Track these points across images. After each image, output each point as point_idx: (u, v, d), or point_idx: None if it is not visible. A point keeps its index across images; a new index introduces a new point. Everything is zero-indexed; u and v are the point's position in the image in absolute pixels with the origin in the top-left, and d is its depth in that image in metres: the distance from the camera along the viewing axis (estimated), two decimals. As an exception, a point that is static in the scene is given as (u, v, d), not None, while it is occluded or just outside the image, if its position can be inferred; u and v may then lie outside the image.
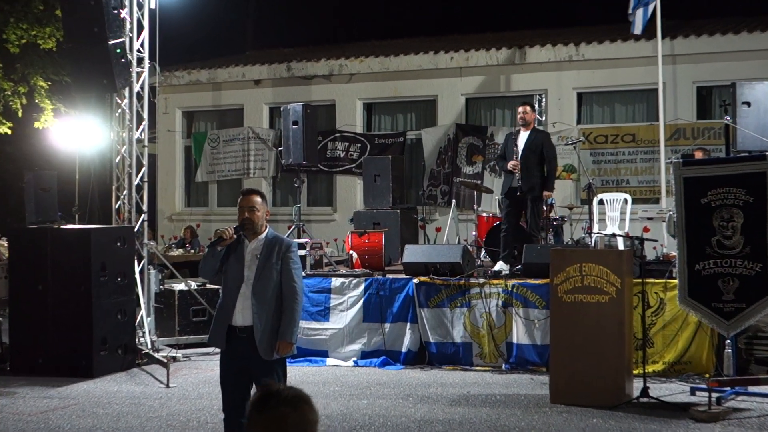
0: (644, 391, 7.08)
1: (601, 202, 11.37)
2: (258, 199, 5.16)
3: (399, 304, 9.07)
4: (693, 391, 7.49)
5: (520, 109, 9.62)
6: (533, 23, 17.79)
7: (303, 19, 24.16)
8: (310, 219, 15.13)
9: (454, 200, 12.81)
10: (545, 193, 9.49)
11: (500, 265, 9.46)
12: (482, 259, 10.73)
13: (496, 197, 10.07)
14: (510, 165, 9.35)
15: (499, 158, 9.94)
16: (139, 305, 9.58)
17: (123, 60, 9.70)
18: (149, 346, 9.52)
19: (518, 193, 9.31)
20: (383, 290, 9.16)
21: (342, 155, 15.53)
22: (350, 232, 10.42)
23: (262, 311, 5.02)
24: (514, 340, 8.72)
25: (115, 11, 9.59)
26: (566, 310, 7.32)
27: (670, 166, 9.42)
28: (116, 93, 10.12)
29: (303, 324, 9.02)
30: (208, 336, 5.29)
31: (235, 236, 5.08)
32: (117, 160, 10.31)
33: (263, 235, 5.17)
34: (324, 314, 9.32)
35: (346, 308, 9.27)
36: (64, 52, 11.27)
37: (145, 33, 10.26)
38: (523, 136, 9.50)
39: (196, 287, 10.46)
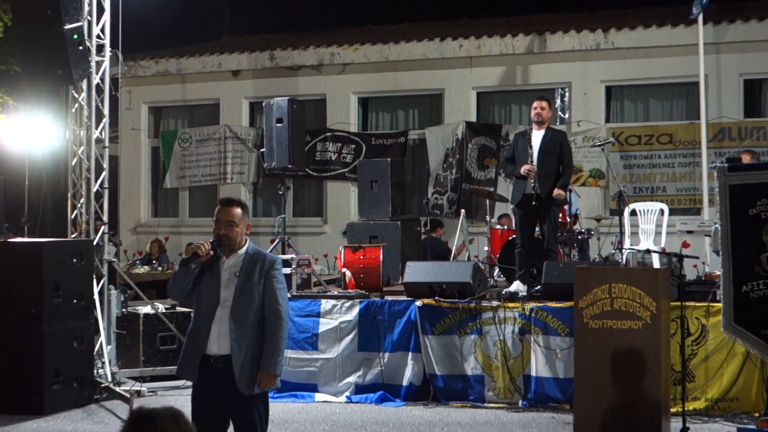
0: (684, 432, 7.07)
1: (633, 212, 11.39)
2: (238, 211, 5.17)
3: (399, 330, 9.06)
4: (740, 433, 7.48)
5: (536, 104, 9.59)
6: (555, 6, 17.84)
7: (288, 0, 24.21)
8: (296, 232, 15.13)
9: (463, 210, 12.80)
10: (556, 191, 9.36)
11: (517, 286, 9.45)
12: (496, 278, 10.71)
13: (512, 207, 10.08)
14: (524, 169, 9.32)
15: (506, 162, 9.87)
16: (98, 331, 9.55)
17: (80, 47, 9.71)
18: (109, 378, 9.49)
19: (533, 202, 9.30)
20: (381, 314, 9.14)
21: (334, 158, 15.54)
22: (343, 247, 10.41)
23: (242, 338, 5.01)
24: (533, 373, 8.70)
25: (72, -9, 9.61)
26: (593, 337, 7.31)
27: (713, 172, 9.42)
28: (72, 85, 10.12)
29: (288, 353, 8.99)
30: (177, 367, 5.28)
31: (211, 252, 5.08)
32: (73, 163, 10.30)
33: (243, 250, 5.18)
34: (312, 342, 9.31)
35: (338, 335, 9.25)
36: (13, 37, 11.27)
37: (107, 16, 10.28)
38: (537, 136, 9.49)
39: (164, 310, 10.44)
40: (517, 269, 9.66)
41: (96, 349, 9.46)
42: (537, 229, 9.62)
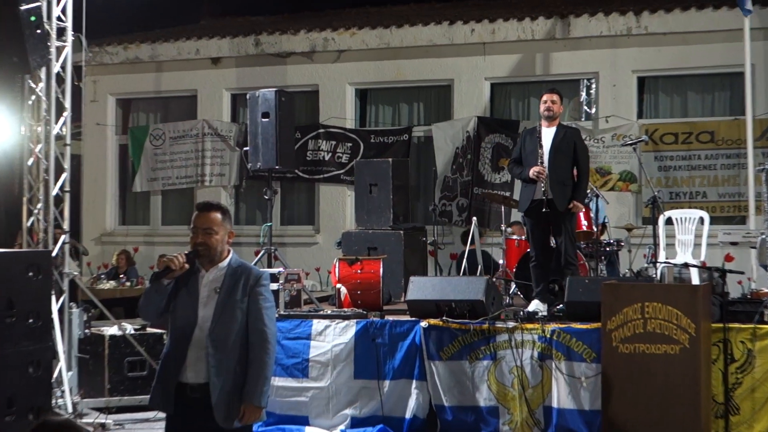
0: (727, 473, 7.08)
1: (669, 221, 11.40)
2: (217, 217, 5.20)
3: (402, 355, 9.06)
4: (791, 473, 7.48)
5: (546, 97, 9.58)
6: (580, -15, 17.88)
7: (276, -22, 24.23)
8: (284, 242, 15.14)
9: (475, 218, 12.78)
10: (574, 203, 9.41)
11: (536, 305, 9.46)
12: (512, 296, 10.71)
13: (521, 215, 10.11)
14: (533, 171, 9.33)
15: (513, 164, 9.85)
16: (57, 355, 9.55)
17: (39, 31, 9.73)
18: (70, 409, 9.49)
19: (544, 209, 9.31)
20: (381, 337, 9.14)
21: (327, 158, 15.57)
22: (338, 260, 10.42)
23: (222, 364, 5.03)
24: (554, 404, 8.69)
25: (30, -34, 9.64)
26: (623, 364, 7.32)
27: (760, 175, 9.45)
28: (29, 74, 10.14)
29: (276, 381, 8.99)
30: (149, 396, 5.29)
31: (187, 265, 5.10)
32: (29, 163, 10.32)
33: (225, 263, 5.20)
34: (303, 369, 9.31)
35: (332, 361, 9.25)
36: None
37: (69, -5, 10.31)
38: (547, 134, 9.49)
39: (132, 331, 10.45)
40: (534, 286, 9.68)
41: (55, 375, 9.46)
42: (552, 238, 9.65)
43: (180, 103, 16.76)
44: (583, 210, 9.59)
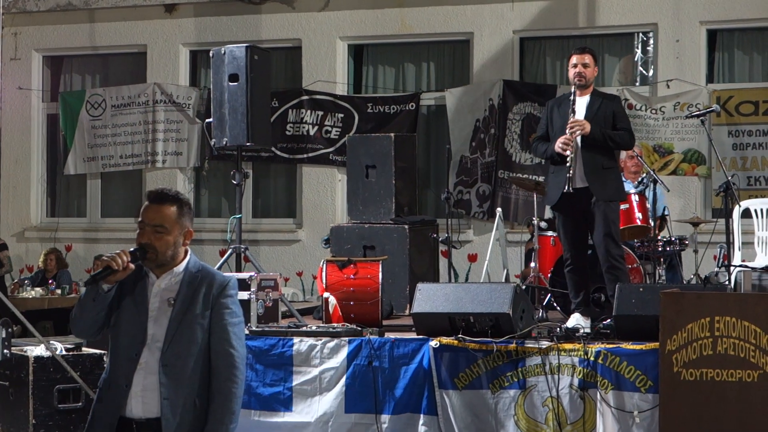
0: None
1: (746, 213, 11.39)
2: (172, 211, 5.17)
3: (406, 383, 9.07)
4: None
5: (576, 59, 9.60)
6: None
7: None
8: (257, 239, 15.14)
9: (499, 209, 12.83)
10: (578, 121, 9.41)
11: (576, 320, 9.47)
12: (546, 308, 10.71)
13: (549, 209, 10.11)
14: (558, 142, 9.34)
15: (538, 142, 9.88)
16: (-32, 382, 9.56)
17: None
18: (-15, 450, 9.50)
19: (565, 189, 9.32)
20: (379, 359, 9.15)
21: (313, 132, 15.57)
22: (325, 262, 10.43)
23: (177, 396, 5.05)
24: (600, 445, 8.72)
25: None
26: (687, 394, 7.31)
27: None
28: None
29: (251, 416, 9.02)
30: (84, 435, 5.31)
31: (132, 266, 5.10)
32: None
33: (181, 267, 5.21)
34: (285, 400, 9.31)
35: (319, 390, 9.25)
36: None
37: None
38: (581, 104, 9.53)
39: (64, 352, 10.44)
40: (571, 296, 9.70)
41: (-34, 408, 9.47)
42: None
43: (124, 61, 16.78)
44: (586, 128, 9.45)
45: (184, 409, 5.04)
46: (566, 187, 9.30)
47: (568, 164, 9.32)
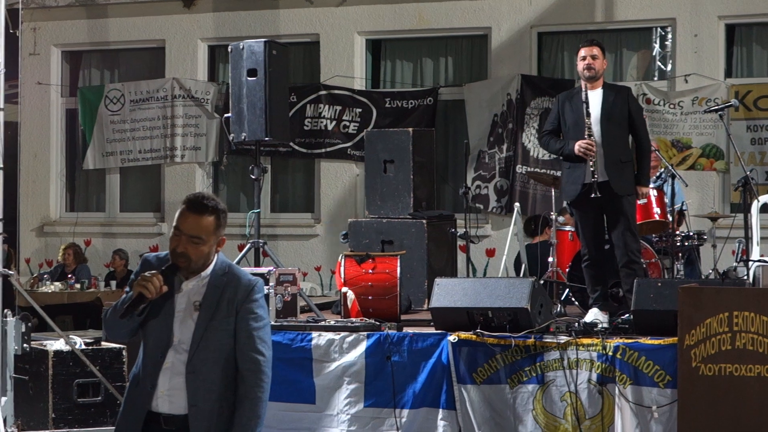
0: None
1: (765, 208, 11.39)
2: (209, 221, 5.11)
3: (425, 377, 9.08)
4: None
5: (584, 51, 9.56)
6: None
7: None
8: (276, 234, 15.15)
9: (517, 204, 12.82)
10: (640, 189, 9.54)
11: (594, 314, 9.47)
12: (564, 303, 10.72)
13: (566, 204, 10.11)
14: (579, 147, 9.32)
15: (548, 137, 9.85)
16: (-12, 377, 9.60)
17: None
18: (6, 444, 9.54)
19: (593, 195, 9.32)
20: (398, 354, 9.16)
21: (331, 127, 15.57)
22: (344, 257, 10.45)
23: (203, 401, 5.08)
24: (618, 439, 8.73)
25: None
26: (705, 389, 7.31)
27: None
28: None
29: (268, 409, 9.06)
30: (109, 428, 5.33)
31: (165, 288, 5.07)
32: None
33: (208, 270, 5.20)
34: (304, 394, 9.31)
35: (336, 383, 9.27)
36: None
37: None
38: (594, 98, 9.52)
39: (83, 346, 10.45)
40: (589, 291, 9.71)
41: (-14, 401, 9.51)
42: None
43: (143, 56, 16.78)
44: (648, 194, 9.58)
45: (210, 411, 5.06)
46: (594, 194, 9.28)
47: (591, 167, 9.34)
